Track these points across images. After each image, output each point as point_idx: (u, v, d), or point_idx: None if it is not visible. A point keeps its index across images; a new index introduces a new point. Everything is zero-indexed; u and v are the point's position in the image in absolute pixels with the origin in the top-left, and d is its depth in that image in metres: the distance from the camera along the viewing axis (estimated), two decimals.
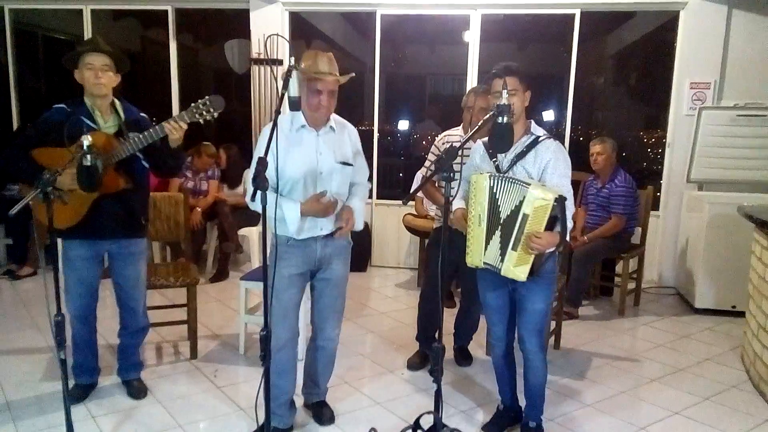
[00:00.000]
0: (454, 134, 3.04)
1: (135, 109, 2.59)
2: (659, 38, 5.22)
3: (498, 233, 2.15)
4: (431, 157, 3.09)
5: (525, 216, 2.07)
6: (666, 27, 4.90)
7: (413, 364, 3.12)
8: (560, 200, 2.05)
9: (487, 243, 2.18)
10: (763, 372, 2.87)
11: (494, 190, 2.14)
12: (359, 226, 2.35)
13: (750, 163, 4.38)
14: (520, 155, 2.22)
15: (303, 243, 2.29)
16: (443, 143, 3.03)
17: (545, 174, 2.19)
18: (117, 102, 2.52)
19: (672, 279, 4.78)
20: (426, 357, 3.12)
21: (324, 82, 2.15)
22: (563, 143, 3.65)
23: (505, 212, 2.12)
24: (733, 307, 4.01)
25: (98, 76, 2.39)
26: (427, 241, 3.29)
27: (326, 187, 2.26)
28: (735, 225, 3.78)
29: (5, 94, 5.63)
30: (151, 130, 2.35)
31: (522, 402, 2.49)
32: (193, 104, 2.34)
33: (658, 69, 5.06)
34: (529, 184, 2.08)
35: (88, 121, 2.42)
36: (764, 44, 4.52)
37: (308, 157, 2.24)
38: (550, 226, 2.09)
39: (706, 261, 4.08)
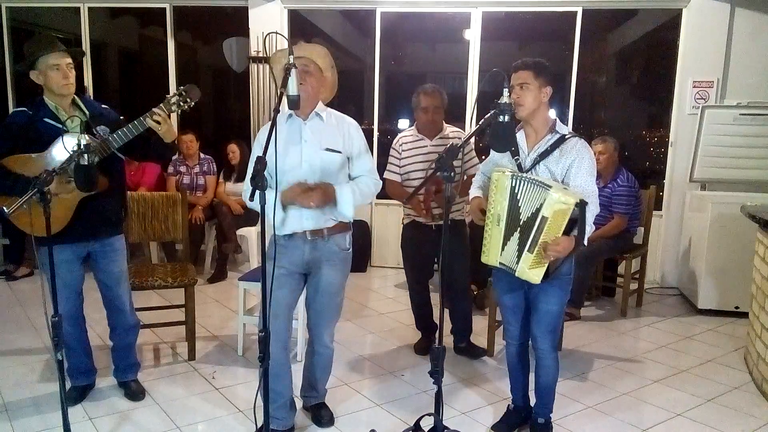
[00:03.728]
0: (408, 135, 3.17)
1: (96, 103, 2.54)
2: (661, 36, 5.20)
3: (516, 234, 2.11)
4: (392, 159, 3.20)
5: (544, 219, 2.01)
6: (668, 25, 4.87)
7: (420, 349, 3.28)
8: (581, 205, 2.00)
9: (505, 244, 2.14)
10: (767, 373, 2.84)
11: (515, 191, 2.09)
12: (344, 212, 2.22)
13: (753, 162, 4.35)
14: (544, 154, 2.18)
15: (290, 242, 2.25)
16: (400, 144, 3.17)
17: (569, 173, 2.15)
18: (77, 98, 2.47)
19: (675, 279, 4.75)
20: (430, 341, 3.25)
21: (297, 60, 2.12)
22: None
23: (525, 214, 2.07)
24: (737, 307, 3.98)
25: (67, 75, 2.35)
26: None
27: (310, 175, 2.20)
28: (738, 225, 3.75)
29: (2, 93, 5.60)
30: (130, 125, 2.31)
31: (533, 401, 2.47)
32: (168, 95, 2.30)
33: (661, 67, 5.03)
34: (551, 187, 2.01)
35: (53, 122, 2.36)
36: (767, 42, 4.49)
37: (293, 145, 2.21)
38: (567, 230, 2.04)
39: (709, 261, 4.05)
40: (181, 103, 2.30)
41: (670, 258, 4.80)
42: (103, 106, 2.55)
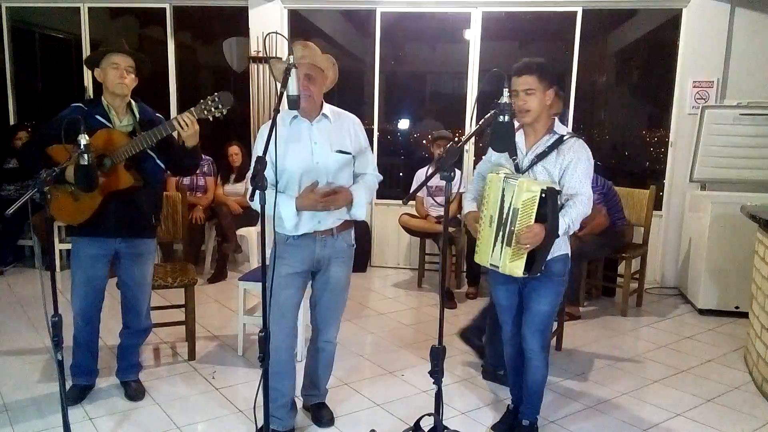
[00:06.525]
0: None
1: (150, 110, 2.60)
2: (661, 36, 5.21)
3: (501, 233, 2.13)
4: None
5: (516, 210, 2.06)
6: (668, 25, 4.87)
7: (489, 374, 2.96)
8: (549, 192, 2.03)
9: (494, 244, 2.16)
10: (767, 373, 2.85)
11: (504, 192, 2.11)
12: (358, 214, 2.28)
13: (753, 162, 4.36)
14: (542, 155, 2.18)
15: (301, 242, 2.25)
16: None
17: (565, 175, 2.16)
18: (133, 103, 2.54)
19: (674, 279, 4.76)
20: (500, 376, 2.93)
21: (299, 66, 2.13)
22: None
23: (506, 212, 2.11)
24: (737, 307, 3.98)
25: (123, 76, 2.42)
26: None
27: (324, 177, 2.22)
28: (738, 225, 3.76)
29: (2, 93, 5.61)
30: (159, 126, 2.35)
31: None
32: (201, 100, 2.33)
33: (661, 67, 5.04)
34: (518, 178, 2.07)
35: (104, 120, 2.43)
36: (767, 42, 4.49)
37: (304, 148, 2.22)
38: (542, 221, 2.06)
39: (709, 261, 4.05)
40: (213, 109, 2.31)
41: (670, 258, 4.81)
42: (157, 114, 2.61)
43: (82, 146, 2.01)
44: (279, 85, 1.88)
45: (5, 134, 5.16)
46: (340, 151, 2.25)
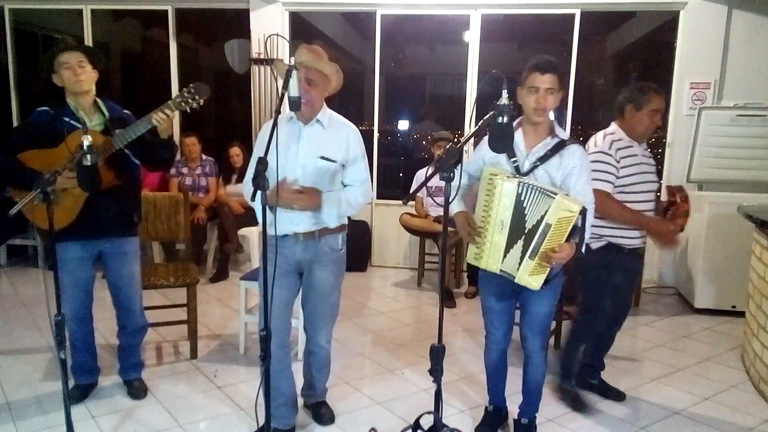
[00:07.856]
0: (618, 138, 2.62)
1: (118, 107, 2.57)
2: (659, 38, 5.24)
3: (520, 242, 2.07)
4: (603, 166, 2.54)
5: (548, 226, 2.00)
6: (666, 27, 4.91)
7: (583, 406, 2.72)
8: (584, 212, 2.00)
9: (507, 251, 2.11)
10: (763, 372, 2.87)
11: (521, 198, 2.05)
12: (326, 220, 2.23)
13: (750, 163, 4.39)
14: (544, 158, 2.15)
15: (284, 243, 2.26)
16: (616, 150, 2.56)
17: (569, 180, 2.13)
18: (99, 101, 2.51)
19: (672, 279, 4.79)
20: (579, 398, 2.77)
21: (301, 69, 2.15)
22: None
23: (530, 222, 2.04)
24: (733, 307, 4.01)
25: (77, 72, 2.38)
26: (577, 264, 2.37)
27: (302, 178, 2.21)
28: (735, 225, 3.78)
29: (5, 94, 5.63)
30: (138, 122, 2.33)
31: (510, 403, 2.50)
32: (177, 93, 2.33)
33: (658, 69, 5.06)
34: (556, 194, 2.00)
35: (74, 121, 2.41)
36: (764, 44, 4.53)
37: (291, 150, 2.23)
38: (567, 237, 2.03)
39: (706, 261, 4.08)
40: (190, 101, 2.31)
41: (667, 258, 4.83)
42: (125, 111, 2.58)
43: (85, 147, 2.03)
44: (281, 86, 1.90)
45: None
46: (324, 158, 2.23)
